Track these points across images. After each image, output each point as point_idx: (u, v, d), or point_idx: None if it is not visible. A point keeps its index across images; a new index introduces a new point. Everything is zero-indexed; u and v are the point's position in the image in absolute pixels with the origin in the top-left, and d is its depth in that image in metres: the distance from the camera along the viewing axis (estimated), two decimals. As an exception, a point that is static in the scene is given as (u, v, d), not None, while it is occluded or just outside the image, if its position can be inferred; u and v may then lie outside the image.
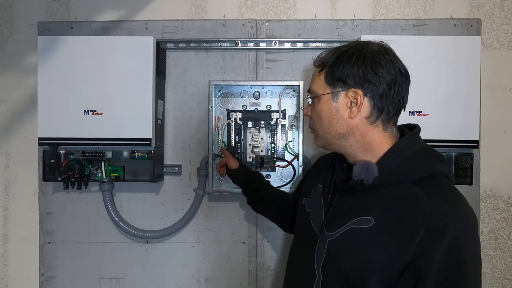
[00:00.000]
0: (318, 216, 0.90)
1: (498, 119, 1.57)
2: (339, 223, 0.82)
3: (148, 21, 1.57)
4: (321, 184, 0.94)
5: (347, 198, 0.84)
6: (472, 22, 1.54)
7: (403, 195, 0.76)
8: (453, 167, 1.50)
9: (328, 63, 0.84)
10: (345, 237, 0.80)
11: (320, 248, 0.84)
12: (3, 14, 1.62)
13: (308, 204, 0.96)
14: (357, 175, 0.79)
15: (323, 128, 0.86)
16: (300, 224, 0.99)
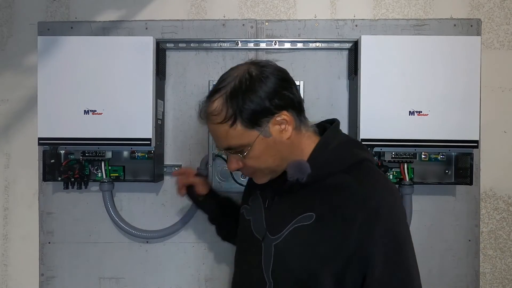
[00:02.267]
0: (259, 223, 0.88)
1: (498, 119, 1.57)
2: (281, 226, 0.82)
3: (148, 21, 1.57)
4: (259, 191, 0.93)
5: (286, 200, 0.85)
6: (472, 22, 1.54)
7: (336, 186, 0.79)
8: (453, 167, 1.50)
9: (235, 114, 0.77)
10: (290, 238, 0.80)
11: (267, 254, 0.83)
12: (3, 14, 1.61)
13: (247, 212, 0.95)
14: (291, 176, 0.80)
15: (270, 164, 0.83)
16: (241, 233, 0.97)
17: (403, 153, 1.43)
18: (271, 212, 0.87)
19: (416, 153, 1.44)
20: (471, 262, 1.55)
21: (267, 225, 0.85)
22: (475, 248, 1.55)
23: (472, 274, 1.55)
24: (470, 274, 1.55)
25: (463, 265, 1.55)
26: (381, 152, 1.44)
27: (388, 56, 1.36)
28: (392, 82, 1.36)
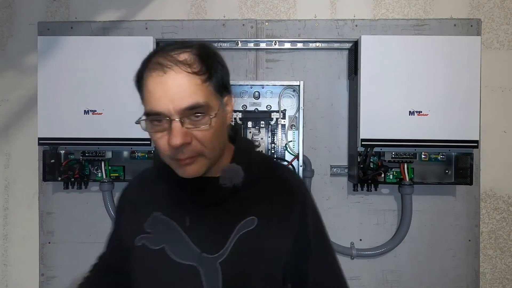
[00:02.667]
0: (184, 247, 0.73)
1: (498, 119, 1.57)
2: (221, 239, 0.72)
3: (148, 21, 1.57)
4: (159, 212, 0.76)
5: (215, 210, 0.74)
6: (472, 22, 1.54)
7: (269, 185, 0.78)
8: (453, 167, 1.50)
9: (210, 72, 0.69)
10: (237, 249, 0.72)
11: (211, 276, 0.71)
12: (3, 14, 1.61)
13: (151, 241, 0.74)
14: (228, 181, 0.72)
15: (217, 146, 0.71)
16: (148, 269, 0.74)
17: (403, 153, 1.43)
18: (198, 229, 0.73)
19: (416, 153, 1.44)
20: (471, 262, 1.55)
21: (200, 245, 0.72)
22: (475, 248, 1.55)
23: (472, 274, 1.55)
24: (470, 274, 1.55)
25: (463, 265, 1.55)
26: (381, 152, 1.44)
27: (388, 56, 1.36)
28: (392, 82, 1.36)
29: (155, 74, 0.66)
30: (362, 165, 1.41)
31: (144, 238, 0.75)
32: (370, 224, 1.57)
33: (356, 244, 1.56)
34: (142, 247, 0.75)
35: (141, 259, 0.75)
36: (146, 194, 0.81)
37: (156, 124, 0.67)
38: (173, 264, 0.72)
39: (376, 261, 1.56)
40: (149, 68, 0.67)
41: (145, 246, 0.75)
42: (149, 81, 0.67)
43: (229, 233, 0.73)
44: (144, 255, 0.74)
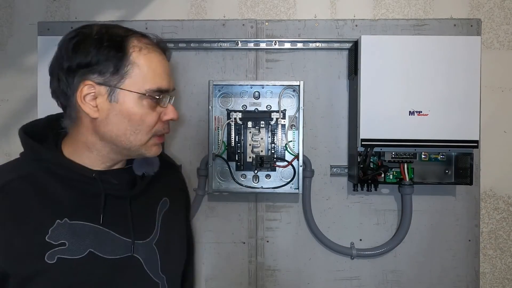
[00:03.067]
0: (111, 241, 0.71)
1: (498, 119, 1.57)
2: (151, 223, 0.78)
3: (148, 21, 1.57)
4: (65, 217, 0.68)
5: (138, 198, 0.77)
6: (472, 22, 1.54)
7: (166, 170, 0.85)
8: (453, 167, 1.50)
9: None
10: (164, 229, 0.79)
11: (150, 259, 0.75)
12: (3, 14, 1.62)
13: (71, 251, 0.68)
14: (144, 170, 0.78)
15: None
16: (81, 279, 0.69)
17: (403, 153, 1.43)
18: (122, 221, 0.73)
19: (416, 153, 1.44)
20: (471, 262, 1.55)
21: (128, 234, 0.73)
22: (475, 248, 1.55)
23: (472, 274, 1.55)
24: (470, 274, 1.55)
25: (463, 265, 1.55)
26: (381, 152, 1.44)
27: (388, 56, 1.36)
28: (392, 82, 1.36)
29: (154, 54, 0.71)
30: (362, 165, 1.42)
31: (58, 252, 0.66)
32: (370, 224, 1.57)
33: (356, 244, 1.56)
34: (60, 261, 0.66)
35: (64, 273, 0.66)
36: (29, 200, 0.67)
37: (151, 101, 0.70)
38: (109, 263, 0.70)
39: (376, 261, 1.56)
40: (143, 46, 0.70)
41: (64, 259, 0.66)
42: (152, 59, 0.70)
43: (154, 216, 0.79)
44: (67, 268, 0.67)
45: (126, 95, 0.68)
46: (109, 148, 0.72)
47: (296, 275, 1.57)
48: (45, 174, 0.69)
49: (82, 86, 0.67)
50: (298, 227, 1.57)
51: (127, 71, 0.68)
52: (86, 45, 0.67)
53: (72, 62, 0.67)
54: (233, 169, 1.50)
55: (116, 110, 0.68)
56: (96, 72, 0.67)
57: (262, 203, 1.57)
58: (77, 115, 0.71)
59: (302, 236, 1.57)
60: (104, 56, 0.67)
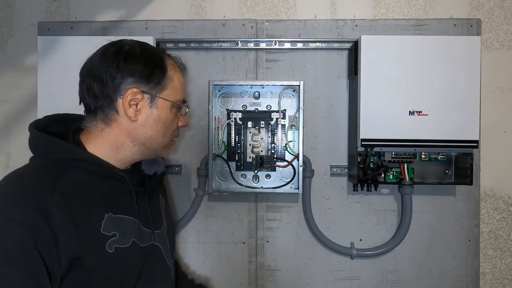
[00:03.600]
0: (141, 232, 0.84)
1: (498, 119, 1.57)
2: (160, 215, 0.93)
3: (148, 21, 1.57)
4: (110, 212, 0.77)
5: (149, 194, 0.90)
6: (472, 22, 1.54)
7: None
8: (453, 167, 1.50)
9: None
10: (167, 221, 0.95)
11: (165, 246, 0.90)
12: (3, 14, 1.62)
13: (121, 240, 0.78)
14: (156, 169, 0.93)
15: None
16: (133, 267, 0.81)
17: (403, 153, 1.43)
18: (143, 214, 0.86)
19: (416, 153, 1.44)
20: (471, 262, 1.55)
21: (148, 226, 0.86)
22: (475, 248, 1.55)
23: (472, 274, 1.55)
24: (470, 274, 1.55)
25: (463, 265, 1.55)
26: (381, 152, 1.44)
27: (388, 56, 1.36)
28: (392, 82, 1.36)
29: (180, 72, 0.89)
30: (362, 165, 1.42)
31: (113, 242, 0.76)
32: (370, 224, 1.57)
33: (356, 244, 1.56)
34: (116, 250, 0.76)
35: (121, 261, 0.77)
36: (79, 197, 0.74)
37: (177, 109, 0.86)
38: (144, 250, 0.83)
39: (376, 261, 1.56)
40: (174, 65, 0.87)
41: (119, 248, 0.77)
42: (179, 76, 0.88)
43: (160, 209, 0.94)
44: (122, 256, 0.77)
45: (164, 103, 0.83)
46: (136, 149, 0.84)
47: (296, 275, 1.57)
48: (81, 173, 0.76)
49: (128, 93, 0.79)
50: (298, 227, 1.57)
51: (166, 84, 0.83)
52: (134, 60, 0.80)
53: (122, 72, 0.79)
54: (233, 169, 1.50)
55: (154, 115, 0.82)
56: (142, 82, 0.80)
57: (262, 203, 1.57)
58: (114, 117, 0.80)
59: (302, 236, 1.57)
60: (149, 71, 0.81)
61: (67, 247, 0.69)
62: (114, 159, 0.82)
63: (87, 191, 0.76)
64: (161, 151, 0.88)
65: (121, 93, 0.79)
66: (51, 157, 0.76)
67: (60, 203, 0.70)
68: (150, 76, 0.81)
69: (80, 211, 0.73)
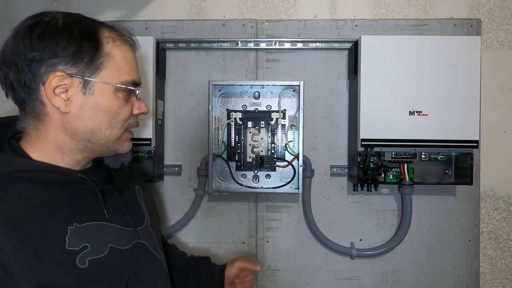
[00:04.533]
0: (120, 233, 0.73)
1: (498, 119, 1.57)
2: (140, 210, 0.83)
3: (148, 21, 1.57)
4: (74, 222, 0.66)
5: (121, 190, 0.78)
6: (472, 22, 1.54)
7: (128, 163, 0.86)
8: (453, 167, 1.50)
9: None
10: (149, 213, 0.85)
11: (152, 241, 0.81)
12: (3, 14, 1.61)
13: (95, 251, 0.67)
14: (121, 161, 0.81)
15: None
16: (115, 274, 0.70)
17: (403, 153, 1.43)
18: (119, 214, 0.74)
19: (416, 153, 1.44)
20: (471, 262, 1.55)
21: (129, 224, 0.76)
22: (475, 248, 1.55)
23: (472, 274, 1.55)
24: (470, 274, 1.55)
25: (463, 265, 1.55)
26: (381, 152, 1.44)
27: (388, 56, 1.36)
28: (392, 82, 1.36)
29: (127, 47, 0.72)
30: (362, 165, 1.42)
31: (85, 255, 0.65)
32: (370, 224, 1.57)
33: (356, 244, 1.56)
34: (91, 263, 0.65)
35: (98, 273, 0.66)
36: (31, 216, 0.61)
37: (125, 94, 0.69)
38: (126, 252, 0.72)
39: (376, 261, 1.56)
40: (115, 38, 0.70)
41: (94, 260, 0.66)
42: (124, 51, 0.70)
43: (139, 203, 0.83)
44: (99, 267, 0.66)
45: (102, 87, 0.66)
46: (82, 145, 0.68)
47: (296, 275, 1.57)
48: (30, 185, 0.63)
49: (51, 78, 0.63)
50: (298, 227, 1.57)
51: (102, 62, 0.66)
52: (54, 34, 0.64)
53: (37, 52, 0.62)
54: (233, 169, 1.50)
55: (91, 103, 0.65)
56: (67, 63, 0.63)
57: (262, 203, 1.57)
58: (42, 111, 0.66)
59: (302, 236, 1.57)
60: (76, 47, 0.64)
61: (26, 278, 0.58)
62: (63, 160, 0.68)
63: (40, 205, 0.62)
64: (115, 146, 0.72)
65: (42, 79, 0.63)
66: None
67: (4, 228, 0.58)
68: (79, 53, 0.64)
69: (35, 231, 0.60)
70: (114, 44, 0.69)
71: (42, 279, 0.59)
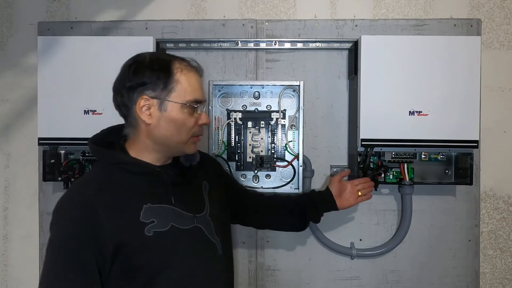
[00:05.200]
0: (181, 216, 0.93)
1: (498, 119, 1.57)
2: (201, 201, 1.01)
3: (148, 21, 1.57)
4: (148, 202, 0.89)
5: (189, 183, 1.00)
6: (472, 22, 1.54)
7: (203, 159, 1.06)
8: (453, 167, 1.50)
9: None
10: (211, 204, 1.02)
11: (208, 227, 0.97)
12: (3, 14, 1.62)
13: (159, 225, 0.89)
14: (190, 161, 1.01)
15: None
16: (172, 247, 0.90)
17: (403, 153, 1.43)
18: (183, 202, 0.95)
19: (416, 153, 1.44)
20: (471, 262, 1.55)
21: (190, 210, 0.95)
22: (475, 248, 1.55)
23: (472, 274, 1.55)
24: (470, 274, 1.55)
25: (463, 265, 1.55)
26: (381, 152, 1.44)
27: (388, 56, 1.36)
28: (392, 82, 1.36)
29: (192, 73, 0.93)
30: (362, 165, 1.42)
31: (152, 227, 0.88)
32: (370, 224, 1.57)
33: (356, 244, 1.56)
34: (155, 234, 0.87)
35: (160, 242, 0.88)
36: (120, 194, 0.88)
37: (190, 109, 0.92)
38: (185, 232, 0.92)
39: (376, 261, 1.56)
40: (183, 68, 0.92)
41: (157, 232, 0.88)
42: (189, 77, 0.92)
43: (202, 196, 1.02)
44: (160, 238, 0.88)
45: (172, 105, 0.90)
46: (161, 148, 0.93)
47: (296, 275, 1.57)
48: (124, 173, 0.90)
49: (140, 100, 0.89)
50: (298, 227, 1.57)
51: (173, 87, 0.90)
52: (142, 69, 0.90)
53: (132, 82, 0.89)
54: (233, 169, 1.50)
55: (165, 117, 0.90)
56: (150, 89, 0.89)
57: (262, 203, 1.57)
58: (136, 122, 0.92)
59: (302, 236, 1.57)
60: (155, 77, 0.89)
61: (110, 234, 0.83)
62: (148, 158, 0.94)
63: (128, 187, 0.89)
64: (184, 148, 0.95)
65: (135, 101, 0.89)
66: (104, 161, 0.93)
67: (103, 199, 0.85)
68: (157, 82, 0.89)
69: (121, 204, 0.86)
70: (182, 73, 0.91)
71: (121, 238, 0.83)
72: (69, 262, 0.80)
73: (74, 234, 0.82)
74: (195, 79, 0.94)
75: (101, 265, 0.82)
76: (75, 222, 0.83)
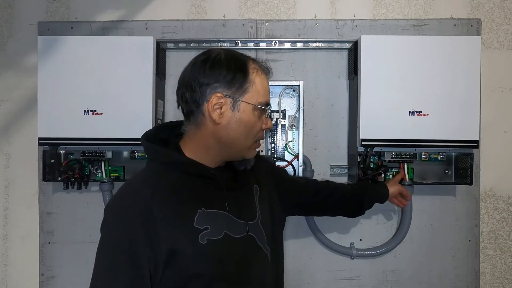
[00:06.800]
0: (234, 224, 0.89)
1: (498, 119, 1.57)
2: (253, 207, 0.95)
3: (148, 21, 1.57)
4: (203, 207, 0.85)
5: (241, 189, 0.95)
6: (472, 22, 1.54)
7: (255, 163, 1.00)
8: (453, 167, 1.50)
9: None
10: (262, 211, 0.96)
11: (260, 236, 0.93)
12: (3, 14, 1.62)
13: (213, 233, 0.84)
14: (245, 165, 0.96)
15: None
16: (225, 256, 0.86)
17: (403, 153, 1.43)
18: (235, 208, 0.90)
19: (416, 153, 1.44)
20: (471, 262, 1.55)
21: (242, 217, 0.90)
22: (475, 248, 1.55)
23: (472, 274, 1.55)
24: (470, 274, 1.55)
25: (463, 265, 1.55)
26: (381, 152, 1.44)
27: (388, 56, 1.36)
28: (392, 82, 1.36)
29: (264, 75, 0.90)
30: (362, 165, 1.42)
31: (206, 234, 0.83)
32: (370, 224, 1.57)
33: (356, 244, 1.56)
34: (209, 242, 0.83)
35: (213, 251, 0.84)
36: (175, 196, 0.84)
37: (259, 112, 0.88)
38: (238, 241, 0.88)
39: (376, 261, 1.56)
40: (257, 69, 0.89)
41: (211, 240, 0.83)
42: (262, 80, 0.89)
43: (253, 201, 0.95)
44: (214, 246, 0.84)
45: (245, 106, 0.86)
46: (223, 150, 0.89)
47: (296, 275, 1.57)
48: (179, 173, 0.86)
49: (213, 97, 0.84)
50: (298, 227, 1.57)
51: (248, 87, 0.86)
52: (219, 66, 0.85)
53: (208, 78, 0.84)
54: (233, 169, 1.50)
55: (236, 118, 0.86)
56: (225, 87, 0.84)
57: (262, 203, 1.57)
58: (202, 121, 0.86)
59: (302, 236, 1.57)
60: (232, 76, 0.85)
61: (164, 238, 0.79)
62: (206, 159, 0.89)
63: (183, 189, 0.85)
64: (246, 153, 0.91)
65: (207, 97, 0.84)
66: (158, 160, 0.89)
67: (159, 200, 0.81)
68: (233, 81, 0.85)
69: (176, 208, 0.82)
70: (257, 74, 0.88)
71: (175, 245, 0.79)
72: (122, 265, 0.77)
73: (128, 236, 0.78)
74: (266, 81, 0.91)
75: (152, 271, 0.78)
76: (129, 224, 0.79)
